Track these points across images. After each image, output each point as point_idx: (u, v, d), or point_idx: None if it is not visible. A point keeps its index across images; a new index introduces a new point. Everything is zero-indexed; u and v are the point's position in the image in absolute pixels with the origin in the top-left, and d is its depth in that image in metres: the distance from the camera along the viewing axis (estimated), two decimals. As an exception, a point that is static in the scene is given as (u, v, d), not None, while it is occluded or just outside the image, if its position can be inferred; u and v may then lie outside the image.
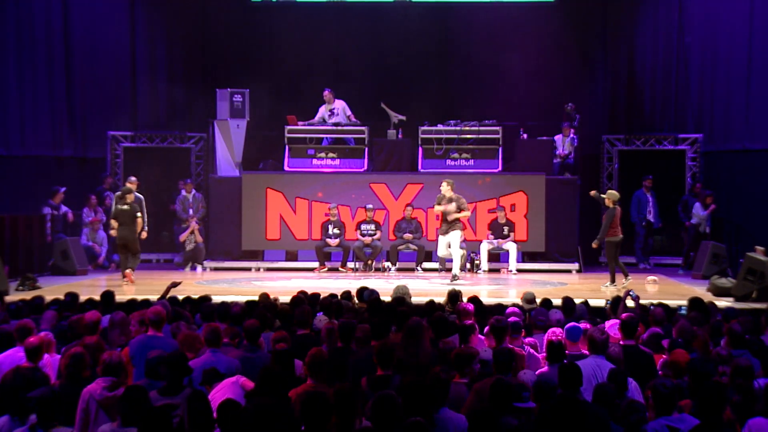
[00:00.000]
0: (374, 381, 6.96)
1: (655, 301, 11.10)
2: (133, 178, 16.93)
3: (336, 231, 17.90)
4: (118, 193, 16.51)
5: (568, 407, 5.81)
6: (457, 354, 7.18)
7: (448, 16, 21.13)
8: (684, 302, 11.01)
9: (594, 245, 15.58)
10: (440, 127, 18.61)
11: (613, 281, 15.10)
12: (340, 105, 19.09)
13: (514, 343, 8.21)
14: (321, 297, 10.80)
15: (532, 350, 8.33)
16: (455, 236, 15.85)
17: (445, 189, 15.92)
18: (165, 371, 6.80)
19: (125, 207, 16.02)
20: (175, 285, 11.31)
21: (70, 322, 8.87)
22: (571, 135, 18.96)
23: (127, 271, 15.74)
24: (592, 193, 15.96)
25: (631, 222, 19.14)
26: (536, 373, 7.38)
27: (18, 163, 19.09)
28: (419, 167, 18.68)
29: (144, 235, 16.51)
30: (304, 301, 10.13)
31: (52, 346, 8.05)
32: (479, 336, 8.40)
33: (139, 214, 16.11)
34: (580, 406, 6.01)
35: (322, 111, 19.11)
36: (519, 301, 11.04)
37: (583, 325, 8.40)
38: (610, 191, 15.80)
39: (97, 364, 7.15)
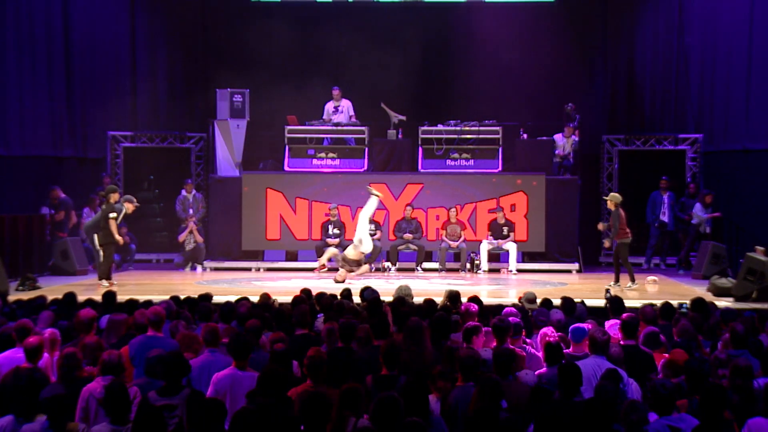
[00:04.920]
0: (380, 381, 6.96)
1: (654, 301, 11.09)
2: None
3: (336, 231, 17.89)
4: (102, 192, 16.46)
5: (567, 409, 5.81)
6: (463, 359, 7.10)
7: (448, 16, 21.13)
8: (683, 301, 11.03)
9: (606, 244, 15.58)
10: (440, 127, 18.62)
11: (617, 281, 15.14)
12: (346, 104, 19.15)
13: (515, 344, 8.21)
14: (316, 297, 10.80)
15: (533, 350, 8.32)
16: None
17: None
18: (163, 371, 6.80)
19: (103, 207, 15.75)
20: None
21: (72, 322, 8.90)
22: (573, 136, 18.95)
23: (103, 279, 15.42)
24: (600, 226, 16.00)
25: (646, 223, 19.18)
26: (536, 373, 7.39)
27: (18, 163, 19.06)
28: (419, 167, 18.68)
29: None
30: (305, 300, 10.13)
31: (57, 345, 8.08)
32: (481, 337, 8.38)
33: (113, 215, 15.45)
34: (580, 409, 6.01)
35: (329, 107, 19.15)
36: (518, 302, 11.05)
37: (585, 325, 8.40)
38: (612, 194, 15.78)
39: (96, 364, 7.16)
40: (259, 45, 20.99)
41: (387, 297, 10.91)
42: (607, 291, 13.19)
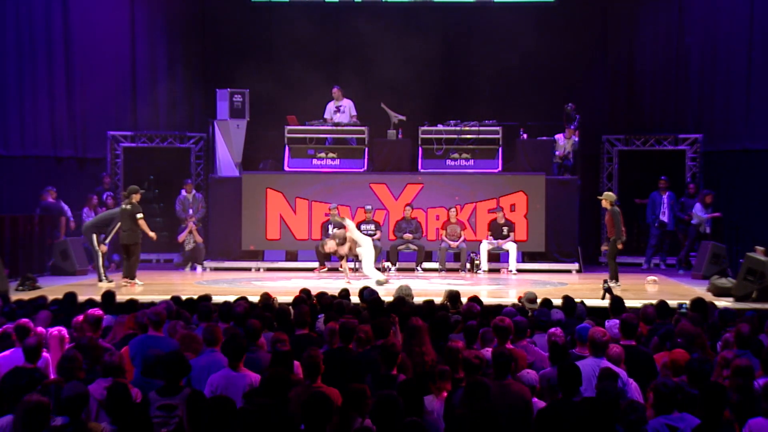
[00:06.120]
0: (379, 381, 6.95)
1: (654, 301, 11.09)
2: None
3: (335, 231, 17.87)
4: (124, 192, 16.43)
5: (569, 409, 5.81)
6: (465, 359, 7.08)
7: (448, 16, 21.12)
8: (683, 301, 11.02)
9: (620, 246, 15.23)
10: (440, 127, 18.62)
11: (616, 279, 15.07)
12: (348, 103, 19.14)
13: (518, 344, 8.20)
14: (317, 296, 10.80)
15: (538, 349, 8.32)
16: None
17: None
18: (162, 372, 6.79)
19: (126, 207, 15.65)
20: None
21: (74, 322, 8.90)
22: (573, 136, 18.94)
23: (125, 278, 15.41)
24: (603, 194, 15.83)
25: (646, 223, 19.19)
26: (540, 373, 7.39)
27: (18, 163, 19.08)
28: (419, 167, 18.68)
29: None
30: (305, 300, 10.13)
31: (66, 342, 8.09)
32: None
33: (140, 215, 15.49)
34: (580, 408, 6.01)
35: (330, 106, 19.14)
36: (518, 301, 11.04)
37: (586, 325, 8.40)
38: (606, 193, 15.79)
39: (97, 364, 7.16)
40: (259, 44, 21.01)
41: (387, 297, 10.91)
42: (605, 282, 13.22)
